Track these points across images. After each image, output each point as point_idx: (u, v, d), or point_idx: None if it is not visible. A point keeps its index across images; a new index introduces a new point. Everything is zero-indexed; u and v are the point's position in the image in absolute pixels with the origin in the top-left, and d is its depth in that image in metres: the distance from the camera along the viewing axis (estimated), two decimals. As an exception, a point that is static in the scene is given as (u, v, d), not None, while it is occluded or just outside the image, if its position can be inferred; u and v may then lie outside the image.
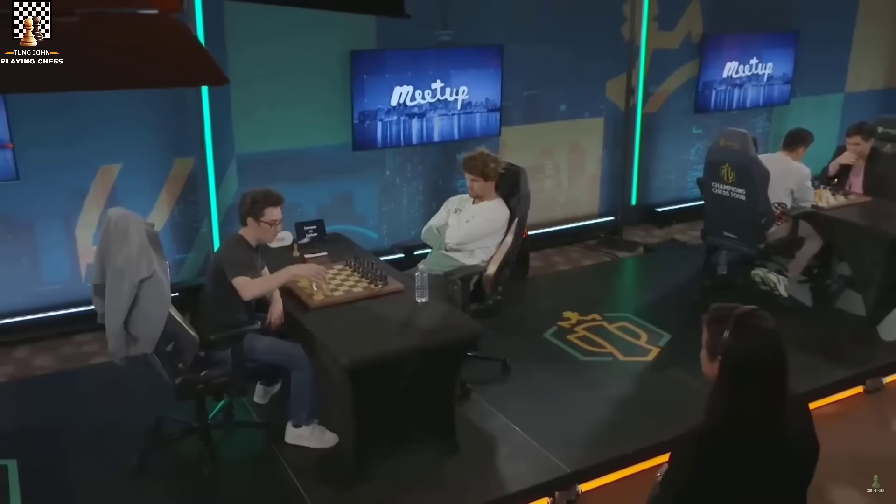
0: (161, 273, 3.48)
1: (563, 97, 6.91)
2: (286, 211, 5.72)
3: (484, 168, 4.42)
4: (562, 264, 6.74)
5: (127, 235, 3.42)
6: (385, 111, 5.95)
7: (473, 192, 4.48)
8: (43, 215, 5.25)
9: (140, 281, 3.39)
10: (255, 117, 5.67)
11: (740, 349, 1.89)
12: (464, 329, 3.75)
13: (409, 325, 3.72)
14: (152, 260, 3.44)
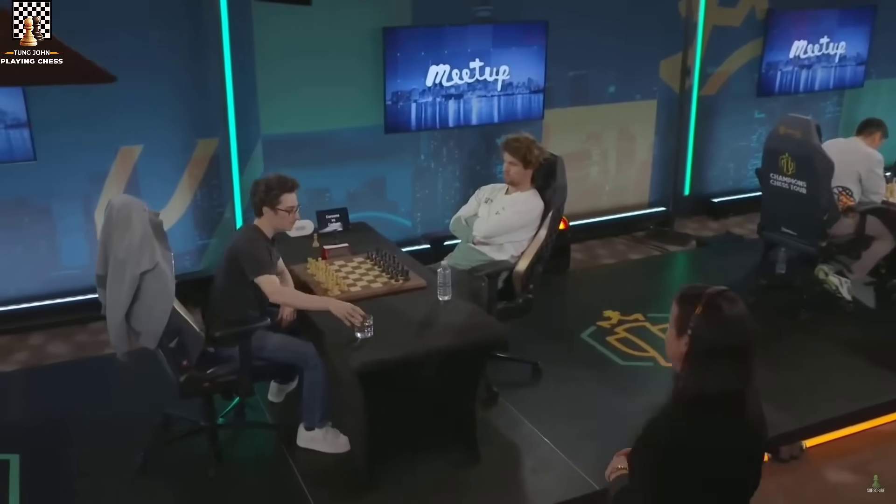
0: (165, 265, 3.41)
1: (613, 78, 6.69)
2: (312, 198, 5.79)
3: (527, 153, 4.26)
4: (606, 258, 6.54)
5: (129, 224, 3.36)
6: (420, 92, 5.82)
7: (509, 178, 4.31)
8: (61, 197, 5.25)
9: (142, 273, 3.33)
10: (282, 97, 5.58)
11: (710, 327, 1.93)
12: (488, 331, 3.61)
13: (428, 326, 3.60)
14: (155, 251, 3.37)
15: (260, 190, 3.77)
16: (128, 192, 5.39)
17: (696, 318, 1.94)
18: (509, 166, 4.27)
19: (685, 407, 1.95)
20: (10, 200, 5.15)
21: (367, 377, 3.33)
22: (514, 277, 4.26)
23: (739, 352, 1.94)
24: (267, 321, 3.69)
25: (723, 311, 1.93)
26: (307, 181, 5.73)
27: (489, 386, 4.30)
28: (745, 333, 1.94)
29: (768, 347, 4.86)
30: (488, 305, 4.10)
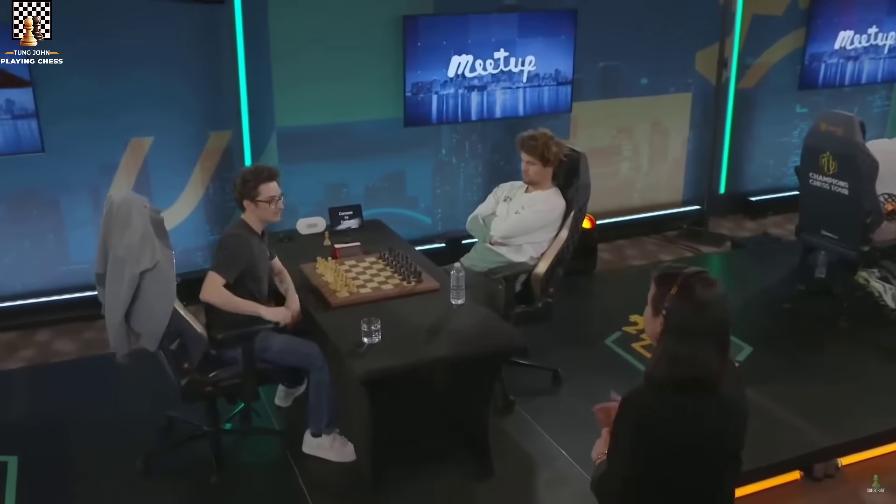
0: (166, 264, 3.38)
1: (645, 69, 6.57)
2: (329, 193, 5.75)
3: (545, 151, 4.17)
4: (635, 258, 6.44)
5: (129, 222, 3.33)
6: (441, 83, 5.77)
7: (528, 177, 4.23)
8: (70, 190, 5.26)
9: (142, 272, 3.30)
10: (298, 88, 5.54)
11: (683, 308, 2.02)
12: (501, 338, 3.54)
13: (439, 331, 3.54)
14: (156, 249, 3.35)
15: (237, 183, 3.75)
16: (138, 186, 5.41)
17: (671, 298, 2.05)
18: (527, 165, 4.19)
19: (658, 384, 2.04)
20: (17, 193, 5.17)
21: (373, 385, 3.27)
22: (533, 280, 4.19)
23: (712, 333, 2.03)
24: (270, 323, 3.64)
25: (696, 292, 2.03)
26: (323, 176, 5.79)
27: (505, 393, 4.23)
28: (718, 316, 2.04)
29: (804, 357, 4.76)
30: (505, 310, 4.03)
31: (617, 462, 2.11)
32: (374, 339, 3.39)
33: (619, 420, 2.08)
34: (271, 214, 3.80)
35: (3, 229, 5.21)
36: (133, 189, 5.38)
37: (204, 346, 3.60)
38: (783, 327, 5.17)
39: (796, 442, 3.99)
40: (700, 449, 2.07)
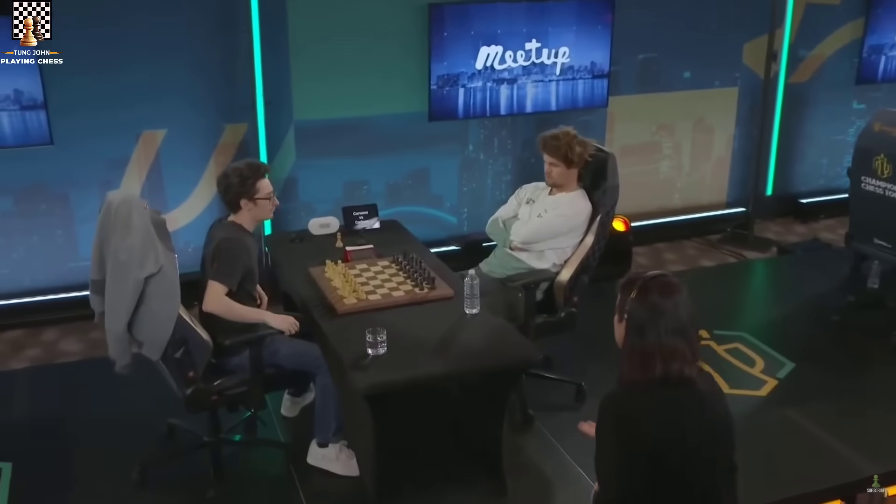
0: (170, 268, 3.36)
1: (688, 62, 6.43)
2: (349, 190, 5.73)
3: (568, 151, 4.07)
4: (674, 263, 6.31)
5: (129, 224, 3.30)
6: (469, 76, 5.70)
7: (551, 180, 4.14)
8: (79, 184, 5.28)
9: (146, 277, 3.27)
10: (317, 80, 5.51)
11: (642, 307, 2.15)
12: (516, 352, 3.46)
13: (449, 343, 3.47)
14: (159, 253, 3.32)
15: (233, 182, 3.68)
16: (150, 180, 5.42)
17: (631, 301, 2.18)
18: (550, 167, 4.10)
19: (627, 383, 2.16)
20: (25, 186, 5.21)
21: (376, 399, 3.22)
22: (556, 288, 4.10)
23: (676, 332, 2.13)
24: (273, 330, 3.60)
25: (653, 294, 2.15)
26: (343, 172, 5.76)
27: (525, 407, 4.16)
28: (678, 316, 2.15)
29: (851, 375, 4.60)
30: (524, 319, 3.96)
31: (606, 473, 2.18)
32: (380, 351, 3.34)
33: (599, 426, 2.18)
34: (268, 212, 3.80)
35: (11, 224, 5.25)
36: (145, 184, 5.40)
37: (209, 354, 3.57)
38: (830, 342, 5.01)
39: (839, 469, 3.86)
40: (686, 445, 2.13)
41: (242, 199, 3.68)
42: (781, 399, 4.40)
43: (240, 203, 3.69)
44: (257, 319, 3.62)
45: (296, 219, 5.66)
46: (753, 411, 4.32)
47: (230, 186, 3.68)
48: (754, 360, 4.77)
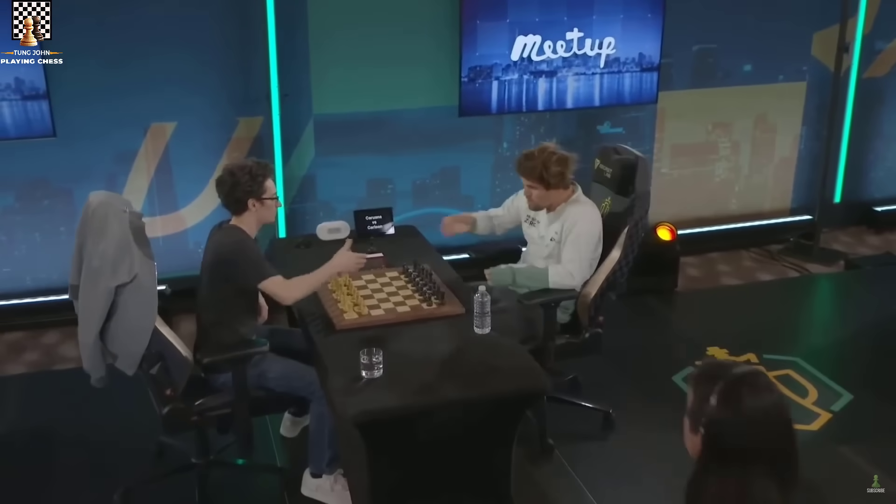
0: (146, 277, 3.31)
1: (749, 53, 6.25)
2: (372, 190, 5.76)
3: (543, 172, 3.89)
4: (728, 276, 6.13)
5: (105, 228, 3.28)
6: (503, 67, 5.61)
7: (532, 203, 3.99)
8: (84, 179, 5.29)
9: (118, 286, 3.24)
10: (339, 71, 5.47)
11: (729, 424, 1.77)
12: (526, 380, 3.34)
13: (453, 366, 3.37)
14: (135, 260, 3.28)
15: (242, 180, 3.59)
16: (158, 175, 5.42)
17: (711, 410, 1.79)
18: (528, 190, 3.95)
19: None
20: (27, 181, 5.25)
21: (368, 427, 3.13)
22: (580, 306, 3.97)
23: (768, 454, 1.78)
24: (266, 345, 3.54)
25: (743, 403, 1.77)
26: (366, 170, 5.71)
27: (544, 435, 4.06)
28: (773, 432, 1.79)
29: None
30: (544, 340, 3.84)
31: None
32: (375, 374, 3.25)
33: None
34: (273, 214, 3.75)
35: (12, 220, 5.30)
36: (153, 180, 5.41)
37: (189, 371, 3.53)
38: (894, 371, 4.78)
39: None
40: None
41: (251, 199, 3.61)
42: (835, 435, 4.20)
43: (247, 203, 3.61)
44: (330, 273, 3.65)
45: (313, 220, 5.59)
46: (802, 448, 4.11)
47: (237, 185, 3.59)
48: (807, 389, 4.57)
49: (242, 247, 3.58)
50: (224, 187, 3.63)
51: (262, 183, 3.63)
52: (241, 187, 3.60)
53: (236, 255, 3.56)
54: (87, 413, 4.40)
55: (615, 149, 4.16)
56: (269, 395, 3.65)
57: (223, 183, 3.63)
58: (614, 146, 4.21)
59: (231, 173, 3.62)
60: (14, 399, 4.62)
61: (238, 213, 3.65)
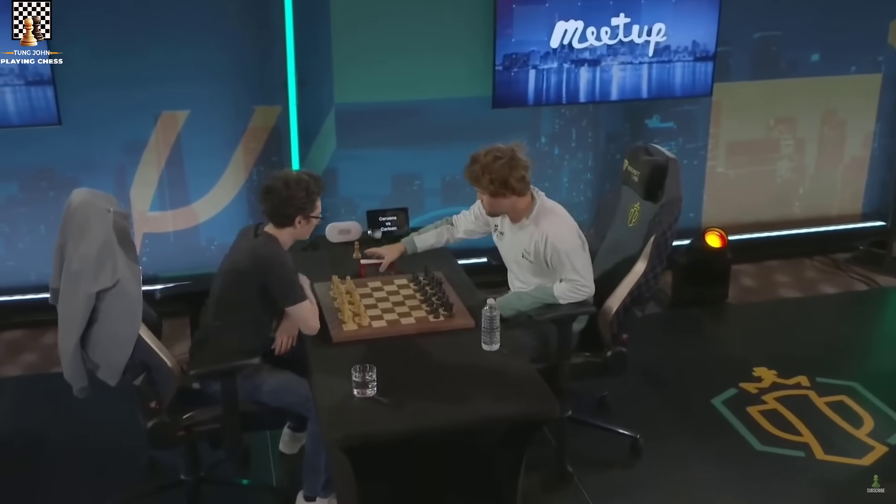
0: (129, 283, 3.30)
1: (817, 42, 6.12)
2: (398, 186, 6.02)
3: (479, 178, 3.75)
4: (787, 287, 6.00)
5: (86, 229, 3.26)
6: (541, 55, 5.54)
7: (487, 209, 3.85)
8: (90, 170, 5.35)
9: (99, 292, 3.24)
10: (363, 56, 5.45)
11: None
12: (533, 405, 3.25)
13: (454, 386, 3.30)
14: (118, 264, 3.26)
15: (298, 196, 3.55)
16: (169, 167, 5.46)
17: None
18: (479, 194, 3.84)
19: None
20: (31, 171, 5.32)
21: (356, 452, 3.09)
22: (601, 322, 3.87)
23: None
24: (256, 359, 3.52)
25: None
26: (391, 165, 5.70)
27: (562, 461, 3.98)
28: None
29: None
30: (558, 359, 3.76)
31: None
32: (368, 393, 3.20)
33: None
34: (311, 232, 3.73)
35: (16, 212, 5.38)
36: (164, 171, 5.44)
37: (175, 383, 3.52)
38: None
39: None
40: None
41: (299, 216, 3.59)
42: (889, 471, 4.04)
43: (295, 219, 3.59)
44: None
45: (334, 216, 5.57)
46: (849, 484, 3.99)
47: (291, 200, 3.55)
48: (862, 418, 4.42)
49: (281, 262, 3.56)
50: (275, 199, 3.57)
51: (315, 201, 3.63)
52: (294, 203, 3.57)
53: (274, 270, 3.53)
54: (79, 421, 4.41)
55: (646, 148, 4.04)
56: (263, 409, 3.61)
57: (275, 193, 3.57)
58: (645, 145, 4.10)
59: (287, 185, 3.56)
60: (4, 405, 4.67)
61: (281, 226, 3.62)
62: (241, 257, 3.63)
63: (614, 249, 4.03)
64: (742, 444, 4.25)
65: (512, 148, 3.77)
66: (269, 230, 3.64)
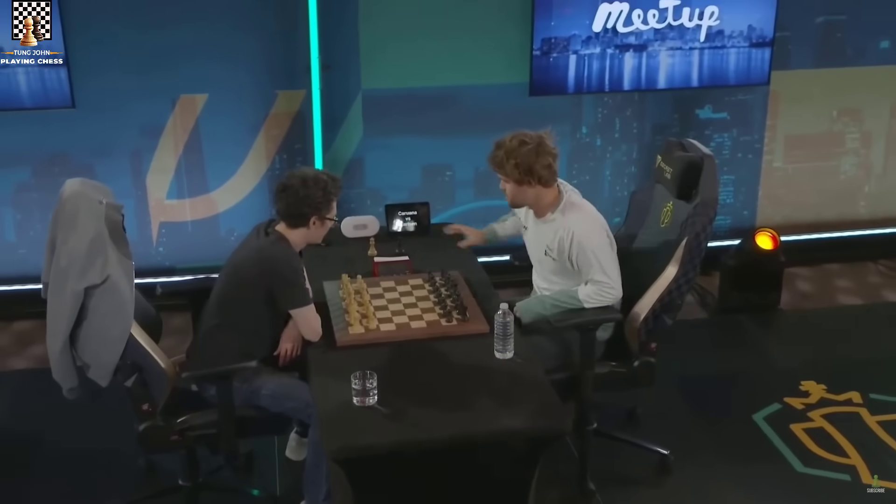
0: (120, 279, 3.30)
1: (886, 28, 5.97)
2: (428, 176, 5.74)
3: (502, 163, 3.72)
4: (847, 293, 5.88)
5: (75, 223, 3.29)
6: (583, 40, 5.49)
7: (508, 199, 3.82)
8: (105, 155, 5.41)
9: (87, 288, 3.25)
10: (392, 40, 5.44)
11: None
12: (542, 420, 3.19)
13: (461, 397, 3.26)
14: (108, 260, 3.28)
15: (315, 195, 3.55)
16: (187, 153, 5.49)
17: None
18: (503, 183, 3.79)
19: None
20: (44, 156, 5.38)
21: (353, 465, 3.06)
22: (628, 330, 3.80)
23: None
24: (253, 362, 3.50)
25: None
26: (422, 154, 5.69)
27: (584, 478, 3.93)
28: None
29: None
30: (581, 369, 3.70)
31: None
32: (368, 402, 3.18)
33: None
34: (324, 235, 3.74)
35: (28, 197, 5.45)
36: (181, 158, 5.47)
37: (169, 385, 3.53)
38: None
39: None
40: None
41: (314, 217, 3.59)
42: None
43: (309, 220, 3.60)
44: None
45: (360, 209, 5.58)
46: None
47: (307, 199, 3.55)
48: (917, 440, 4.30)
49: (289, 263, 3.57)
50: (290, 197, 3.58)
51: (332, 202, 3.63)
52: (311, 202, 3.57)
53: (279, 271, 3.54)
54: (80, 420, 4.43)
55: (681, 143, 3.97)
56: (262, 414, 3.61)
57: (291, 192, 3.57)
58: (681, 140, 4.02)
59: (304, 184, 3.57)
60: (5, 401, 4.73)
61: (293, 226, 3.62)
62: (246, 256, 3.64)
63: (644, 251, 3.95)
64: (782, 464, 4.16)
65: (540, 135, 3.74)
66: (281, 230, 3.64)
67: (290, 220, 3.62)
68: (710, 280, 5.75)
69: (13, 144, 5.32)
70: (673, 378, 4.60)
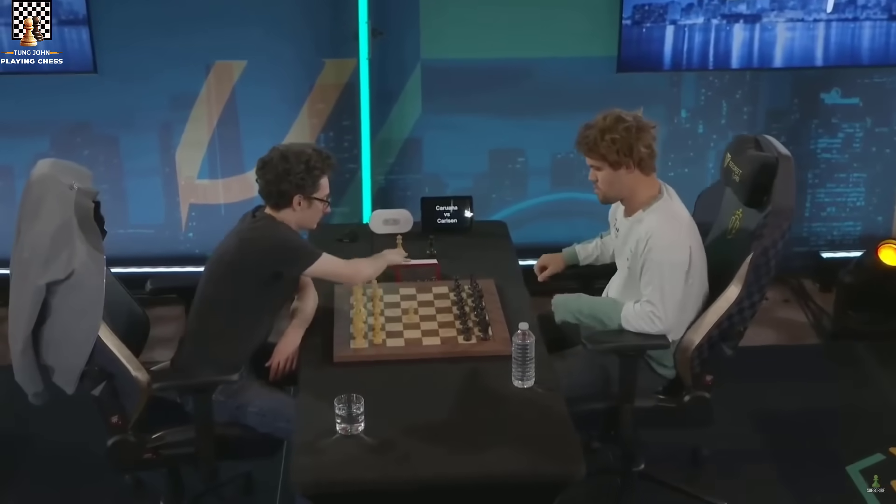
0: (89, 274, 3.36)
1: None
2: (495, 161, 5.83)
3: (596, 144, 3.64)
4: None
5: (39, 211, 3.36)
6: (683, 7, 5.49)
7: (599, 192, 3.76)
8: (130, 126, 5.59)
9: (49, 283, 3.32)
10: (458, 3, 5.48)
11: None
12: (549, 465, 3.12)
13: (462, 431, 3.22)
14: (75, 253, 3.34)
15: (296, 170, 3.63)
16: (221, 127, 5.60)
17: None
18: (593, 173, 3.73)
19: None
20: (64, 125, 5.58)
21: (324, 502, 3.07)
22: (679, 359, 3.69)
23: None
24: (234, 375, 3.53)
25: None
26: (489, 136, 5.75)
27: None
28: None
29: None
30: (619, 402, 3.64)
31: None
32: (354, 430, 3.17)
33: None
34: (317, 219, 3.81)
35: (46, 171, 5.61)
36: (215, 131, 5.57)
37: (143, 395, 3.57)
38: None
39: None
40: None
41: (297, 196, 3.66)
42: None
43: (292, 199, 3.67)
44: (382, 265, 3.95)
45: (416, 195, 5.59)
46: None
47: (287, 175, 3.63)
48: None
49: (276, 234, 3.65)
50: (269, 173, 3.67)
51: (318, 179, 3.69)
52: (292, 179, 3.64)
53: (268, 245, 3.62)
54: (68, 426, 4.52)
55: (756, 140, 3.83)
56: (248, 434, 3.65)
57: (270, 167, 3.67)
58: (755, 136, 3.88)
59: (284, 158, 3.66)
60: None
61: (277, 208, 3.70)
62: (228, 245, 3.70)
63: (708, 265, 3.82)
64: (883, 531, 4.04)
65: (635, 115, 3.71)
66: (269, 212, 3.72)
67: (271, 200, 3.70)
68: (828, 298, 5.58)
69: (30, 112, 5.54)
70: (754, 414, 4.49)
